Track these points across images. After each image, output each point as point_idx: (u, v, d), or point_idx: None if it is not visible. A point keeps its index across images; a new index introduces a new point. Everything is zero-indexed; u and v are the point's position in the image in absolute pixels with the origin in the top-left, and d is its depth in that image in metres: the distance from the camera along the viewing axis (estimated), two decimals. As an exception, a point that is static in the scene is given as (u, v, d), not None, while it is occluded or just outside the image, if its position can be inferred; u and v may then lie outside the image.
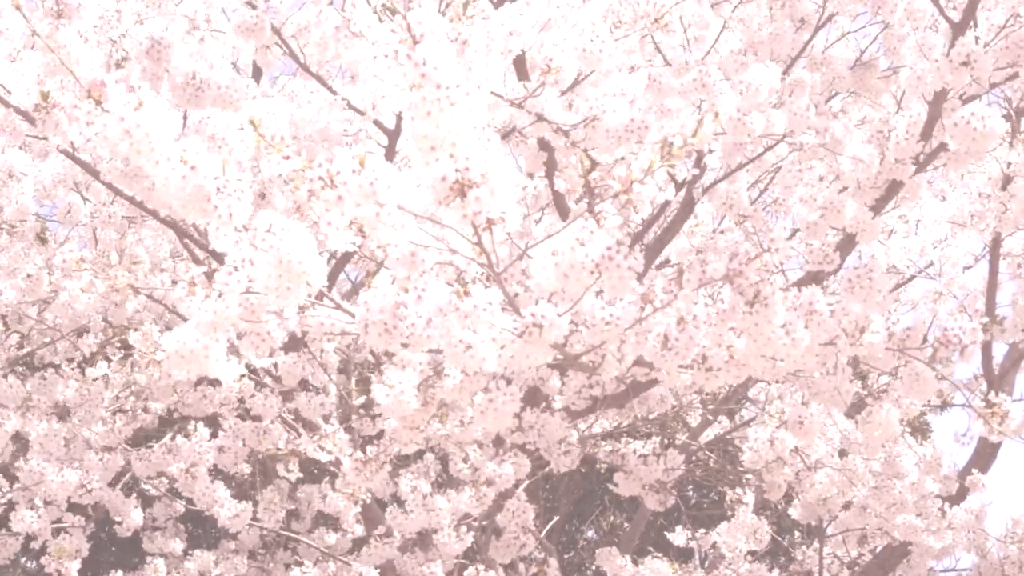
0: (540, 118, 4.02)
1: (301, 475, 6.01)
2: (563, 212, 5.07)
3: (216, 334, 2.56)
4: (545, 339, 2.40)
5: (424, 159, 2.04)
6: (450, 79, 1.98)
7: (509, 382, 2.83)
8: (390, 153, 4.92)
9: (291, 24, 4.86)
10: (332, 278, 5.62)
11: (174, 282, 6.47)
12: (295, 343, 5.26)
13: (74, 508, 5.70)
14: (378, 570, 5.38)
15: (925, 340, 3.13)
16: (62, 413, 5.87)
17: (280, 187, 4.37)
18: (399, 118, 4.95)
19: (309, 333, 2.79)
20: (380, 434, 4.86)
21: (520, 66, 4.13)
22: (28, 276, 5.57)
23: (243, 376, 4.10)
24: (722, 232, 6.09)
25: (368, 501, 5.55)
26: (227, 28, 5.03)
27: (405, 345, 2.45)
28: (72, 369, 5.84)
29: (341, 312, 2.71)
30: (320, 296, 2.55)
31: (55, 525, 5.65)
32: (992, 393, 3.78)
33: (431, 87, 1.97)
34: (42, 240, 6.14)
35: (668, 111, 4.09)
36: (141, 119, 2.17)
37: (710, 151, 4.74)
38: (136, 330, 2.99)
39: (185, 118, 4.45)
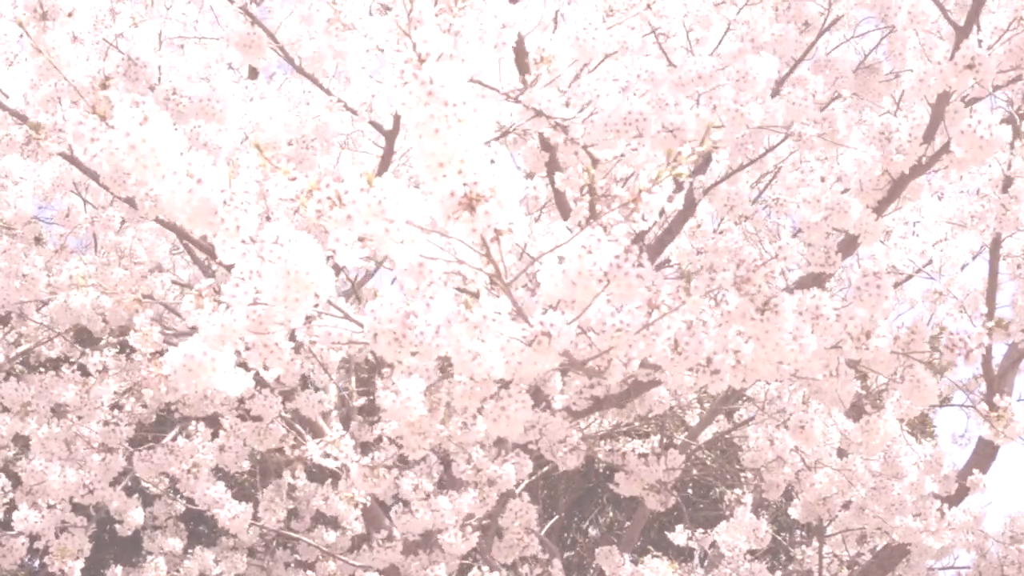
0: (539, 113, 3.96)
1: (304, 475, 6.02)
2: (564, 211, 5.05)
3: (224, 347, 2.55)
4: (554, 347, 2.40)
5: (432, 175, 2.04)
6: (457, 96, 1.97)
7: (520, 390, 2.84)
8: (388, 153, 4.90)
9: (285, 27, 4.83)
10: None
11: (174, 282, 6.45)
12: (295, 345, 5.23)
13: (76, 508, 5.70)
14: (380, 573, 5.38)
15: (934, 345, 3.11)
16: (59, 412, 5.86)
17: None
18: (396, 119, 4.96)
19: (316, 343, 2.79)
20: (379, 439, 4.86)
21: (520, 60, 4.08)
22: (24, 276, 5.55)
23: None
24: (721, 233, 6.08)
25: (368, 504, 5.55)
26: (218, 33, 5.01)
27: (414, 354, 2.45)
28: (72, 372, 5.82)
29: (349, 322, 2.70)
30: (327, 304, 2.53)
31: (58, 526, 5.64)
32: (996, 396, 3.79)
33: (438, 105, 1.96)
34: (39, 241, 6.11)
35: (666, 104, 3.99)
36: (146, 134, 2.15)
37: (716, 159, 4.70)
38: (136, 330, 2.96)
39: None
